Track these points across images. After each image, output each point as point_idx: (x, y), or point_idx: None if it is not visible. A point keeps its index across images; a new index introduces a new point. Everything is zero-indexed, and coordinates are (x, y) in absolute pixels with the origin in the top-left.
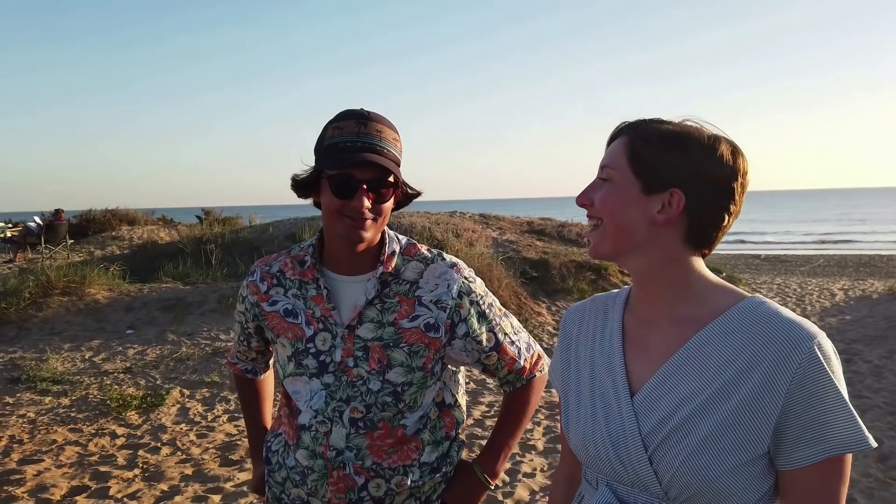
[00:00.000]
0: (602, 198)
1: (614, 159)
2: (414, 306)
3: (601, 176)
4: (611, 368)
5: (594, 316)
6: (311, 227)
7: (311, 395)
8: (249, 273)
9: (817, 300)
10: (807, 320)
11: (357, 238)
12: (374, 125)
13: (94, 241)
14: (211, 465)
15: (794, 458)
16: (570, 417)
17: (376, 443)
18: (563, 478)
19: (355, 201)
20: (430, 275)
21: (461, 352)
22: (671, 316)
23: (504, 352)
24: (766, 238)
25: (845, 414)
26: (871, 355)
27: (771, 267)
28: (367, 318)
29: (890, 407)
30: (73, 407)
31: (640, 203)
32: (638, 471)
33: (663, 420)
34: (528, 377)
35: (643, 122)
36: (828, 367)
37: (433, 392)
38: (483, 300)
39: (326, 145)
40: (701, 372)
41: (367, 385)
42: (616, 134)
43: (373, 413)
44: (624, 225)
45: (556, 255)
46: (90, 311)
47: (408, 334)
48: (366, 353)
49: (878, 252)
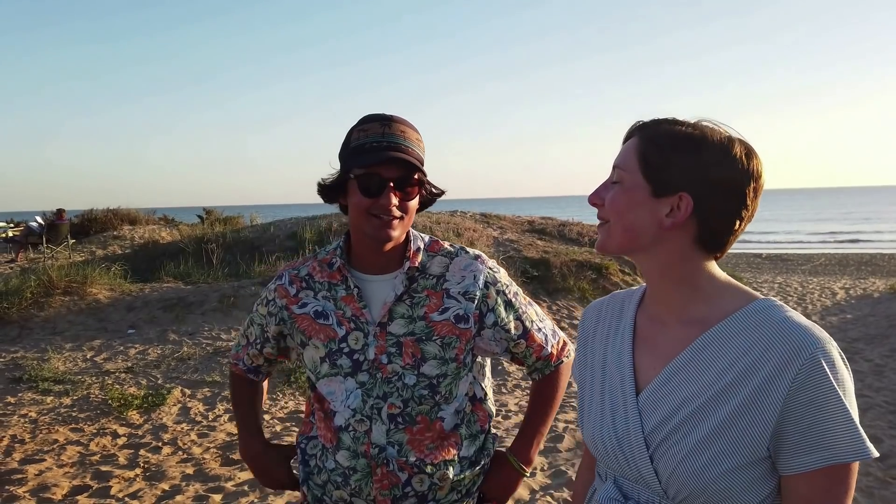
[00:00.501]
0: (611, 199)
1: (625, 161)
2: (442, 299)
3: (612, 177)
4: (620, 366)
5: (611, 313)
6: (311, 227)
7: (346, 394)
8: (277, 277)
9: (818, 299)
10: (816, 326)
11: (385, 237)
12: (397, 126)
13: (96, 241)
14: (212, 464)
15: (793, 463)
16: (583, 412)
17: (416, 437)
18: (584, 469)
19: (383, 199)
20: (456, 267)
21: (491, 341)
22: (680, 316)
23: (532, 339)
24: (769, 238)
25: (846, 423)
26: (873, 354)
27: (772, 266)
28: (397, 314)
29: (890, 406)
30: (75, 406)
31: (649, 206)
32: (640, 468)
33: (665, 419)
34: (556, 363)
35: (657, 122)
36: (831, 373)
37: (466, 383)
38: (508, 289)
39: (352, 147)
40: (704, 373)
41: (403, 380)
42: (630, 133)
43: (410, 407)
44: (632, 227)
45: (557, 255)
46: (92, 311)
47: (439, 327)
48: (399, 349)
49: (879, 251)
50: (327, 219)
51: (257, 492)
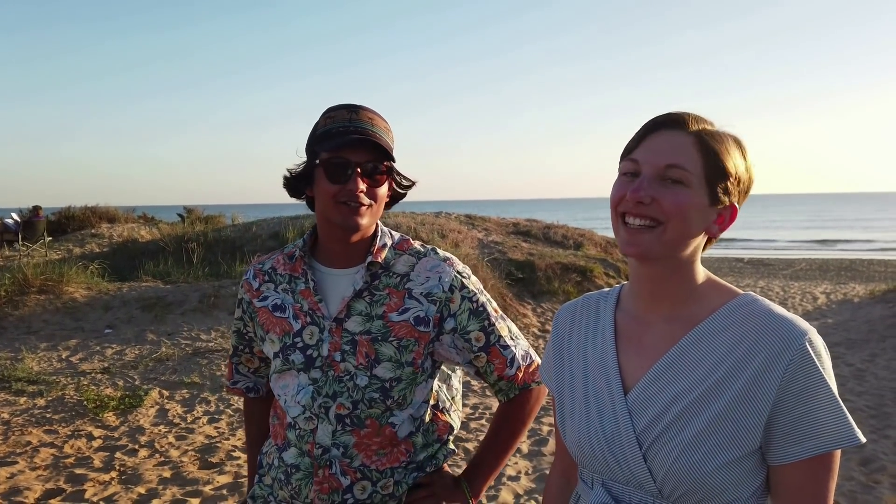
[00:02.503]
0: (676, 202)
1: (688, 161)
2: (404, 299)
3: (668, 175)
4: (604, 366)
5: (586, 314)
6: (294, 226)
7: (297, 389)
8: (245, 272)
9: (800, 303)
10: (798, 317)
11: (354, 224)
12: (365, 113)
13: (73, 239)
14: (190, 467)
15: (785, 453)
16: (564, 416)
17: (364, 441)
18: (557, 475)
19: (350, 184)
20: (422, 268)
21: (450, 348)
22: (667, 314)
23: (494, 354)
24: (751, 242)
25: (836, 410)
26: (854, 358)
27: (754, 270)
28: (355, 310)
29: (872, 410)
30: (49, 408)
31: (705, 212)
32: (632, 469)
33: (657, 417)
34: (522, 386)
35: (706, 122)
36: (818, 363)
37: (425, 391)
38: (476, 298)
39: (319, 133)
40: (694, 369)
41: (355, 380)
42: (665, 124)
43: (360, 409)
44: (689, 233)
45: (542, 257)
46: (68, 310)
47: (397, 328)
48: (353, 347)
49: (859, 256)
50: (310, 218)
51: (236, 496)
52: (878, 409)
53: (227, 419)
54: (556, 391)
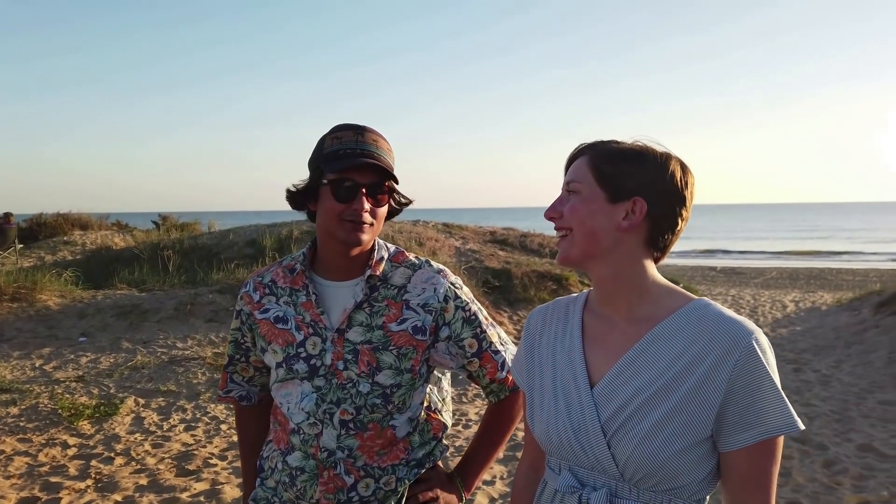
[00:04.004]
0: (571, 208)
1: (579, 174)
2: (402, 310)
3: (568, 189)
4: (572, 363)
5: (556, 316)
6: (271, 234)
7: (301, 397)
8: (243, 285)
9: (769, 311)
10: (746, 319)
11: (356, 241)
12: (370, 135)
13: (45, 246)
14: (167, 474)
15: (734, 440)
16: (534, 409)
17: (367, 443)
18: (525, 467)
19: (356, 204)
20: (418, 279)
21: (445, 355)
22: (628, 316)
23: (486, 359)
24: (725, 249)
25: (778, 400)
26: (820, 365)
27: (726, 279)
28: (356, 321)
29: (836, 415)
30: (23, 416)
31: (607, 211)
32: (597, 454)
33: (620, 408)
34: (513, 388)
35: (602, 142)
36: (763, 359)
37: (422, 394)
38: (468, 307)
39: (326, 153)
40: (654, 364)
41: (357, 387)
42: (576, 154)
43: (362, 415)
44: (592, 231)
45: (519, 265)
46: (41, 318)
47: (396, 337)
48: (355, 356)
49: (828, 265)
50: (288, 226)
51: (214, 502)
52: (843, 414)
53: (203, 427)
54: (527, 387)
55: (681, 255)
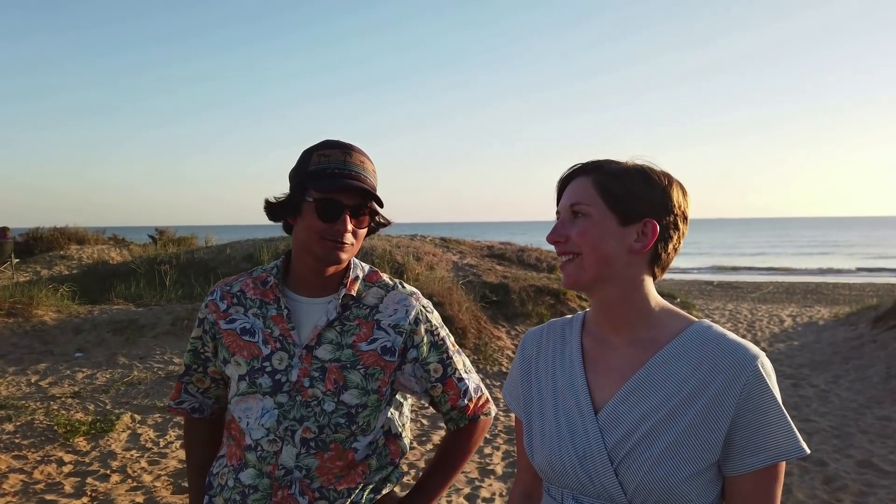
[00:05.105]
0: (581, 232)
1: (586, 196)
2: (373, 330)
3: (573, 211)
4: (573, 388)
5: (552, 340)
6: (269, 248)
7: (262, 412)
8: (209, 293)
9: (767, 326)
10: (749, 342)
11: (335, 259)
12: (357, 156)
13: (41, 261)
14: (163, 492)
15: (741, 464)
16: (533, 436)
17: (326, 464)
18: (519, 493)
19: (339, 225)
20: (390, 300)
21: (410, 377)
22: (630, 338)
23: (449, 386)
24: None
25: (785, 425)
26: (818, 380)
27: (723, 293)
28: (325, 339)
29: (835, 430)
30: (18, 433)
31: (619, 235)
32: (604, 482)
33: (627, 434)
34: (472, 417)
35: (602, 162)
36: (769, 383)
37: (385, 417)
38: (437, 331)
39: (312, 170)
40: (660, 389)
41: (322, 405)
42: (572, 176)
43: (325, 434)
44: (606, 256)
45: (516, 280)
46: (37, 333)
47: (365, 357)
48: (322, 374)
49: (824, 280)
50: (285, 240)
51: None
52: (841, 430)
53: None
54: (525, 413)
55: (676, 272)
